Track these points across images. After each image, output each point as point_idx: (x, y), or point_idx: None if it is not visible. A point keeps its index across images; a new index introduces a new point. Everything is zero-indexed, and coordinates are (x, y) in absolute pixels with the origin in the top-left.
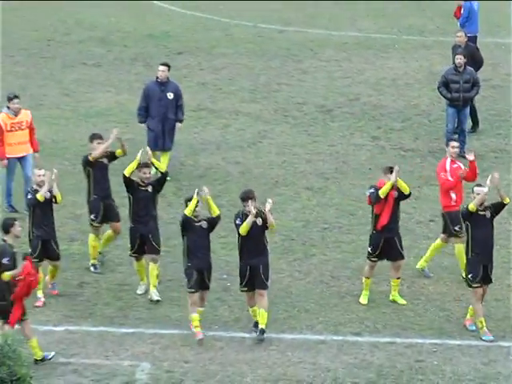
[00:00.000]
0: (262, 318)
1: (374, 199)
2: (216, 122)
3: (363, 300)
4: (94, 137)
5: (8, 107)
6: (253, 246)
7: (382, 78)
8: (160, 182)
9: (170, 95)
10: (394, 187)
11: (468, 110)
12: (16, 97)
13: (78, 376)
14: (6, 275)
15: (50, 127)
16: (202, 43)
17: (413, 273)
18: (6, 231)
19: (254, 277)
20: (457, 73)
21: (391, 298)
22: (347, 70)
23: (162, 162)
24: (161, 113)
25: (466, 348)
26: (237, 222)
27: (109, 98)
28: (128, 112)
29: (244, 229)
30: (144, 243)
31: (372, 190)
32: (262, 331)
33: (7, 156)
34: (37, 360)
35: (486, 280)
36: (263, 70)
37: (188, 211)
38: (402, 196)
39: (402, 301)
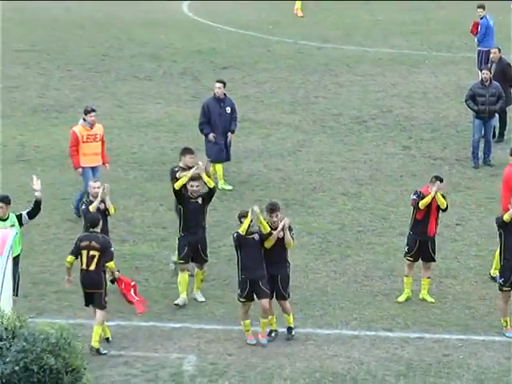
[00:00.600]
0: (288, 321)
1: (416, 207)
2: (258, 132)
3: (400, 298)
4: (187, 151)
5: (84, 119)
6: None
7: (413, 91)
8: (210, 195)
9: (228, 109)
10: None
11: (493, 121)
12: (93, 110)
13: (129, 367)
14: (112, 264)
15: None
16: (246, 59)
17: (440, 273)
18: (96, 225)
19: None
20: (483, 87)
21: (421, 296)
22: (381, 84)
23: (218, 171)
24: (222, 127)
25: (489, 343)
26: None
27: (159, 110)
28: (176, 122)
29: (268, 243)
30: (192, 252)
31: (415, 197)
32: (290, 329)
33: (82, 165)
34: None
35: None
36: (302, 83)
37: (242, 230)
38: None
39: (430, 299)
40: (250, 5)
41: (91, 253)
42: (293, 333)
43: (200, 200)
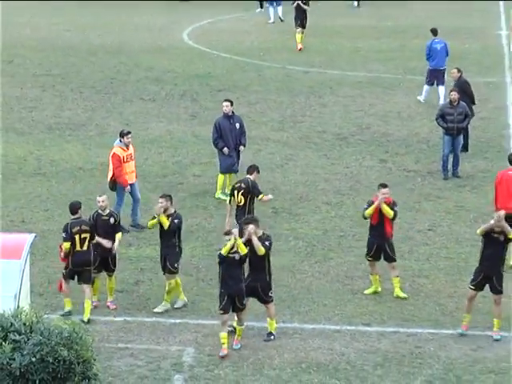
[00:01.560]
0: (271, 326)
1: (363, 216)
2: (250, 147)
3: (367, 291)
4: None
5: (120, 141)
6: (230, 276)
7: (389, 110)
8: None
9: (237, 125)
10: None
11: (461, 137)
12: (129, 132)
13: (134, 359)
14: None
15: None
16: (239, 82)
17: (413, 273)
18: (76, 212)
19: (231, 303)
20: (452, 106)
21: (395, 294)
22: (360, 104)
23: (220, 182)
24: (234, 142)
25: (457, 337)
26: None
27: (161, 128)
28: (177, 139)
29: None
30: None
31: (366, 206)
32: (270, 334)
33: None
34: None
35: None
36: (289, 104)
37: (224, 251)
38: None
39: (403, 295)
40: (244, 34)
41: (83, 235)
42: (271, 337)
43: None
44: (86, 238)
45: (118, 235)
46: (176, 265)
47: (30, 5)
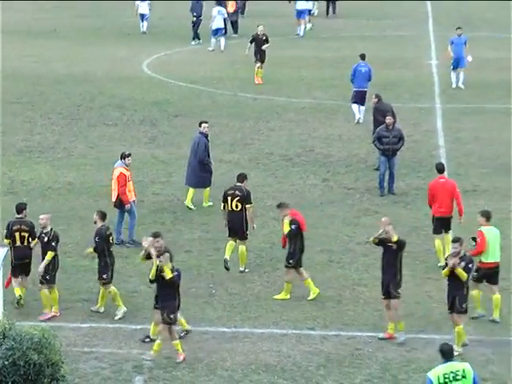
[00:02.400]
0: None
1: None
2: None
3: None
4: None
5: (122, 162)
6: (161, 293)
7: (330, 134)
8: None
9: (209, 144)
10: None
11: (396, 158)
12: (130, 154)
13: (99, 362)
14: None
15: (79, 172)
16: (194, 108)
17: (353, 282)
18: (20, 212)
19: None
20: (387, 130)
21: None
22: (304, 128)
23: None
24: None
25: (393, 339)
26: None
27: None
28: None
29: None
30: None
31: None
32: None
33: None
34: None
35: (387, 294)
36: (240, 128)
37: (151, 276)
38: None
39: (312, 296)
40: (198, 64)
41: (22, 233)
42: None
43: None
44: (25, 236)
45: (48, 254)
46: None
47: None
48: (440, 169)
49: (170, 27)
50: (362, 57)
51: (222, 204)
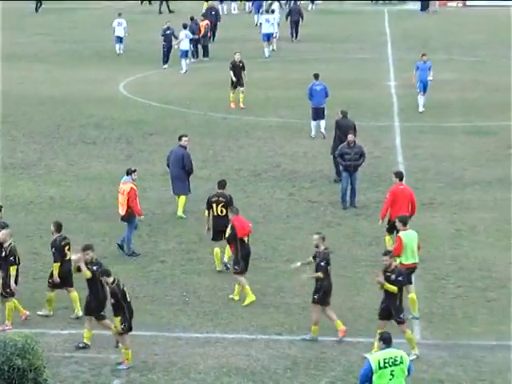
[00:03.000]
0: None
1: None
2: None
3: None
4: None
5: (129, 177)
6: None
7: (296, 151)
8: None
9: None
10: None
11: (357, 174)
12: (135, 170)
13: (79, 366)
14: None
15: (59, 187)
16: (168, 127)
17: None
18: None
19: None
20: (349, 147)
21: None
22: (271, 146)
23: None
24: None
25: (355, 344)
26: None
27: (101, 167)
28: (114, 176)
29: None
30: None
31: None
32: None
33: None
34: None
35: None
36: (211, 145)
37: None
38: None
39: (251, 297)
40: (171, 86)
41: None
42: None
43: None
44: None
45: (11, 269)
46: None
47: None
48: (400, 177)
49: (145, 50)
50: (316, 76)
51: (206, 211)
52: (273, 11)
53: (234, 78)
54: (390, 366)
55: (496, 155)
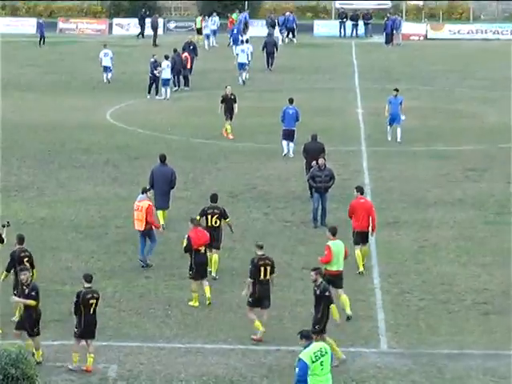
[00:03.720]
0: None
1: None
2: None
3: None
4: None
5: (145, 195)
6: None
7: (271, 174)
8: None
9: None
10: None
11: (327, 195)
12: (150, 189)
13: (69, 375)
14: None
15: (50, 208)
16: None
17: (291, 302)
18: None
19: None
20: (320, 170)
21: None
22: (248, 169)
23: (163, 217)
24: None
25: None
26: None
27: (89, 189)
28: (102, 198)
29: None
30: None
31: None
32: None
33: None
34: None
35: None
36: (192, 169)
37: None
38: None
39: (195, 302)
40: (154, 113)
41: None
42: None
43: None
44: None
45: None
46: None
47: None
48: (361, 191)
49: (129, 81)
50: (290, 101)
51: (199, 217)
52: (247, 41)
53: (219, 111)
54: (320, 357)
55: (455, 177)
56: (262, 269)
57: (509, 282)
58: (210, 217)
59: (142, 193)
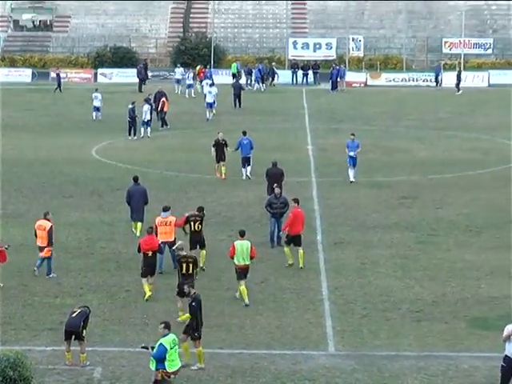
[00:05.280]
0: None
1: None
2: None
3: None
4: None
5: (169, 212)
6: None
7: (234, 201)
8: None
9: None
10: None
11: (282, 219)
12: (170, 207)
13: (60, 376)
14: None
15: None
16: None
17: (252, 312)
18: None
19: None
20: (276, 198)
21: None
22: (214, 197)
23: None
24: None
25: (283, 355)
26: None
27: (77, 215)
28: (88, 223)
29: None
30: None
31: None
32: None
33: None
34: None
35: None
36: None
37: None
38: None
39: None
40: (133, 150)
41: None
42: None
43: None
44: None
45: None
46: None
47: None
48: (297, 202)
49: (112, 122)
50: (244, 133)
51: (184, 224)
52: (212, 84)
53: (213, 154)
54: (174, 346)
55: (392, 204)
56: (184, 265)
57: (438, 293)
58: (192, 223)
59: (165, 210)
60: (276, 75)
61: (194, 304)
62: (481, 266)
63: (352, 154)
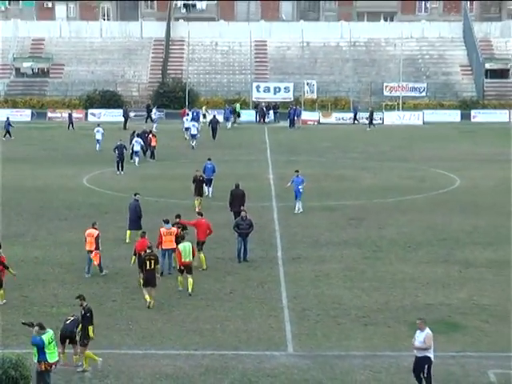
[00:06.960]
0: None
1: None
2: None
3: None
4: None
5: (170, 224)
6: None
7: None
8: None
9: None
10: None
11: (248, 238)
12: (180, 216)
13: (56, 375)
14: None
15: (42, 250)
16: (118, 208)
17: (222, 318)
18: None
19: None
20: (242, 220)
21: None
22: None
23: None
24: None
25: (254, 356)
26: None
27: (71, 235)
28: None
29: None
30: None
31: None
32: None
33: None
34: None
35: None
36: (147, 222)
37: None
38: None
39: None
40: (120, 179)
41: None
42: None
43: None
44: None
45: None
46: None
47: None
48: (201, 215)
49: (101, 155)
50: (209, 158)
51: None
52: (193, 119)
53: (192, 190)
54: (51, 341)
55: (342, 224)
56: (148, 262)
57: (382, 301)
58: (176, 227)
59: (167, 223)
60: (239, 115)
61: (88, 315)
62: (418, 277)
63: (297, 188)
